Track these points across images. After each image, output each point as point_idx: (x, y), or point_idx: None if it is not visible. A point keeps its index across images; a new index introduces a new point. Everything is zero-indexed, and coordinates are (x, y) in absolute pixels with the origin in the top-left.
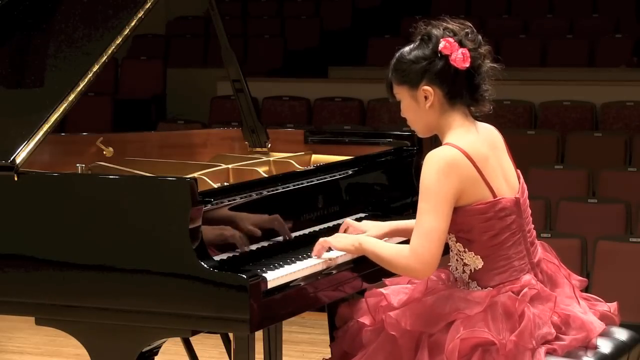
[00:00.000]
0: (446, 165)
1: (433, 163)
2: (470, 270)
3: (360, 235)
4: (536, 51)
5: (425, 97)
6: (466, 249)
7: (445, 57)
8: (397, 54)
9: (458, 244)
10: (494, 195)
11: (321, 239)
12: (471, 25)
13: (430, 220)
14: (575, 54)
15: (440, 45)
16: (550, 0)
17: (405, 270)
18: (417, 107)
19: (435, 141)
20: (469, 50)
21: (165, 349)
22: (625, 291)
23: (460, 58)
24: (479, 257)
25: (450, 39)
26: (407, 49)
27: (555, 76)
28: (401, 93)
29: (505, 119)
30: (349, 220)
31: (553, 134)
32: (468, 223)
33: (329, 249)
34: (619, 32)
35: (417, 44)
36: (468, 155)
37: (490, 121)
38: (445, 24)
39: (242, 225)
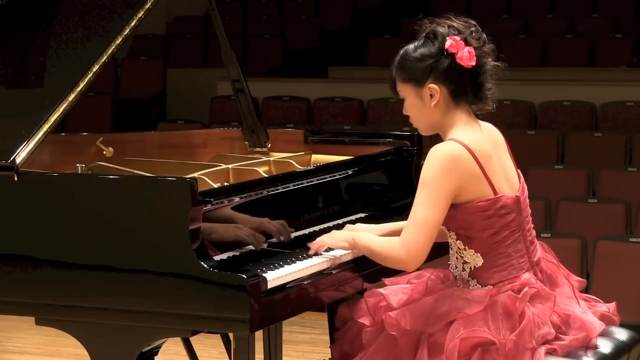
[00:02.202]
0: (449, 160)
1: (436, 157)
2: (470, 268)
3: (355, 231)
4: (536, 51)
5: (431, 95)
6: (466, 247)
7: (452, 55)
8: (402, 52)
9: (458, 241)
10: (495, 193)
11: (318, 239)
12: (475, 24)
13: (424, 212)
14: (575, 54)
15: (447, 44)
16: (550, 0)
17: (394, 261)
18: (422, 105)
19: (436, 140)
20: (475, 48)
21: (165, 349)
22: (625, 291)
23: (466, 56)
24: (479, 254)
25: (457, 37)
26: (412, 46)
27: (555, 76)
28: (405, 91)
29: (505, 119)
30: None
31: (553, 134)
32: (469, 220)
33: (328, 249)
34: (619, 32)
35: (422, 41)
36: (471, 152)
37: (491, 121)
38: (449, 22)
39: (242, 225)
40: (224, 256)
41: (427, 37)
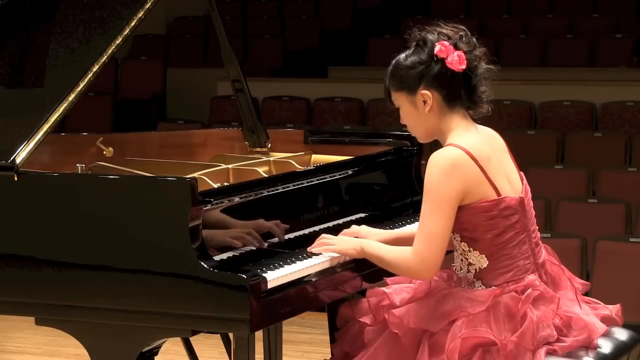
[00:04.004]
0: (450, 166)
1: (437, 164)
2: (476, 269)
3: (362, 239)
4: (536, 51)
5: (424, 102)
6: (471, 248)
7: (442, 61)
8: (393, 61)
9: (463, 243)
10: (498, 194)
11: (324, 237)
12: (465, 29)
13: (433, 222)
14: (575, 54)
15: (436, 49)
16: (550, 0)
17: (408, 272)
18: (417, 112)
19: (436, 142)
20: (465, 52)
21: (165, 349)
22: (626, 291)
23: (456, 60)
24: (483, 256)
25: (446, 42)
26: (402, 55)
27: (555, 76)
28: (400, 99)
29: (505, 119)
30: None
31: (553, 134)
32: (472, 222)
33: None
34: (619, 32)
35: (412, 50)
36: (471, 155)
37: (491, 121)
38: (439, 28)
39: (241, 225)
40: (224, 256)
41: (417, 45)
